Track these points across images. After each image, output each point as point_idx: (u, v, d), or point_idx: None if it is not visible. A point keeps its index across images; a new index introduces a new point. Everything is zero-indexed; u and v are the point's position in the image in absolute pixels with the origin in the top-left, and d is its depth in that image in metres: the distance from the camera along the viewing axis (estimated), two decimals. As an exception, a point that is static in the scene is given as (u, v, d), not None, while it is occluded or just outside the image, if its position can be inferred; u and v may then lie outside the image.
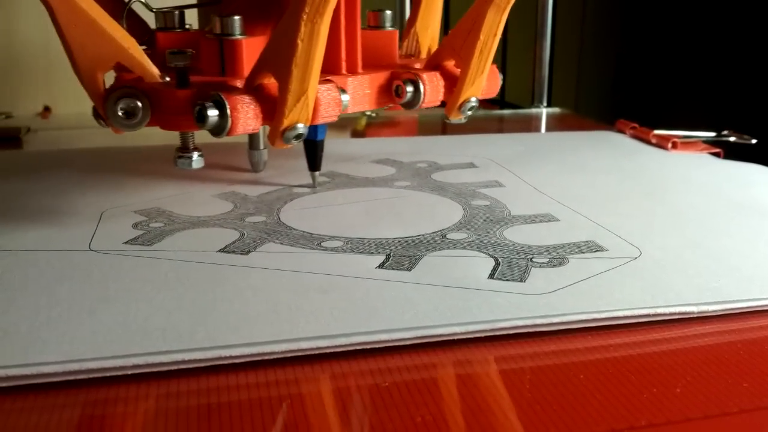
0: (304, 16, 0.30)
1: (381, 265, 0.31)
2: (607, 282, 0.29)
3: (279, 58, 0.31)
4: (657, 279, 0.29)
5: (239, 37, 0.35)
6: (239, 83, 0.34)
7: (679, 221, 0.37)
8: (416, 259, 0.31)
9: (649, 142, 0.55)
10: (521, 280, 0.29)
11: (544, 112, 0.76)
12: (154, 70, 0.33)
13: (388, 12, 0.43)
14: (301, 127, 0.33)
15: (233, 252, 0.32)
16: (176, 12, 0.38)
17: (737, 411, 0.21)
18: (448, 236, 0.34)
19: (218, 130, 0.32)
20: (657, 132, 0.55)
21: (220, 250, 0.32)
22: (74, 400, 0.22)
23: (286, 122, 0.32)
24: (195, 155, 0.35)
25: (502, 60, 1.05)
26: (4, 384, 0.22)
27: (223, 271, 0.30)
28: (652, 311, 0.27)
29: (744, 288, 0.29)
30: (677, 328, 0.27)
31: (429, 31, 0.46)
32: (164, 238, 0.34)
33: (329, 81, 0.35)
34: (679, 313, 0.27)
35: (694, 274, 0.30)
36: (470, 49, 0.38)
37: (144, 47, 0.39)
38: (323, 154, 0.42)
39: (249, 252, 0.32)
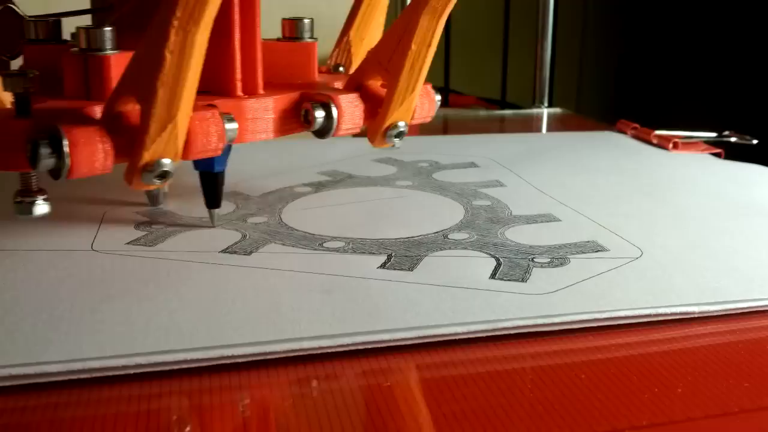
0: (175, 23, 0.24)
1: (383, 266, 0.31)
2: (609, 282, 0.29)
3: (143, 76, 0.25)
4: (658, 279, 0.29)
5: (109, 52, 0.29)
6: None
7: (681, 221, 0.37)
8: (418, 259, 0.31)
9: (650, 143, 0.55)
10: (523, 280, 0.29)
11: (545, 112, 0.76)
12: (3, 96, 0.27)
13: (307, 20, 0.37)
14: (168, 164, 0.26)
15: (235, 252, 0.32)
16: (50, 20, 0.32)
17: (738, 411, 0.22)
18: (449, 236, 0.34)
19: (55, 173, 0.25)
20: (658, 132, 0.55)
21: (222, 251, 0.32)
22: (77, 399, 0.22)
23: (147, 156, 0.26)
24: (40, 199, 0.28)
25: (503, 60, 1.05)
26: (7, 383, 0.22)
27: (225, 271, 0.30)
28: (653, 311, 0.27)
29: (745, 288, 0.29)
30: (678, 328, 0.27)
31: (364, 42, 0.41)
32: (166, 238, 0.34)
33: (212, 106, 0.29)
34: (681, 314, 0.27)
35: (695, 274, 0.30)
36: (399, 62, 0.32)
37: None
38: (224, 188, 0.36)
39: (251, 253, 0.32)
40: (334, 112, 0.33)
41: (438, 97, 0.37)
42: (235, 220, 0.37)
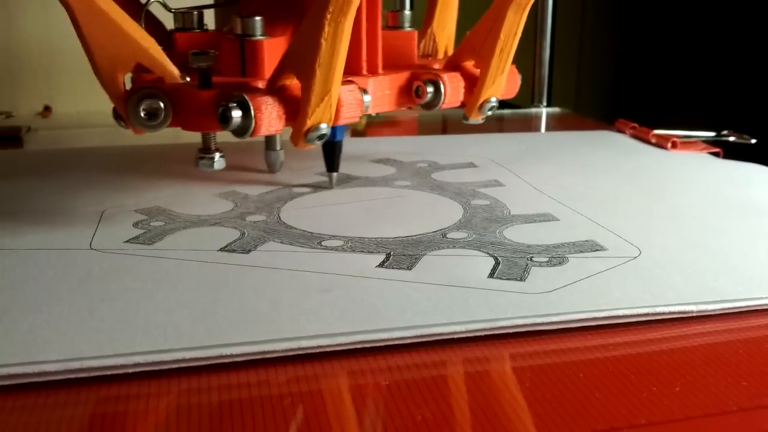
0: (328, 16, 0.30)
1: (381, 264, 0.31)
2: (607, 281, 0.29)
3: (302, 59, 0.31)
4: (656, 278, 0.29)
5: (260, 37, 0.35)
6: (261, 84, 0.34)
7: (679, 221, 0.37)
8: (416, 258, 0.31)
9: (648, 142, 0.55)
10: (521, 279, 0.29)
11: (544, 111, 0.76)
12: (175, 71, 0.33)
13: (407, 12, 0.43)
14: (324, 128, 0.33)
15: (234, 251, 0.32)
16: (195, 12, 0.39)
17: (736, 409, 0.22)
18: (448, 235, 0.34)
19: (241, 131, 0.32)
20: (657, 132, 0.55)
21: (220, 249, 0.32)
22: (75, 399, 0.22)
23: (309, 123, 0.32)
24: (217, 156, 0.35)
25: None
26: (5, 382, 0.22)
27: (224, 270, 0.30)
28: (651, 310, 0.27)
29: (743, 287, 0.29)
30: (677, 327, 0.27)
31: (446, 32, 0.47)
32: (165, 236, 0.34)
33: (351, 82, 0.35)
34: (679, 312, 0.27)
35: (693, 273, 0.30)
36: (490, 49, 0.39)
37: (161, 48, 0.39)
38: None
39: (249, 251, 0.32)
40: (442, 87, 0.39)
41: (520, 76, 0.44)
42: (234, 218, 0.37)
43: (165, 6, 0.39)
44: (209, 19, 0.41)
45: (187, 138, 0.57)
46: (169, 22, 0.41)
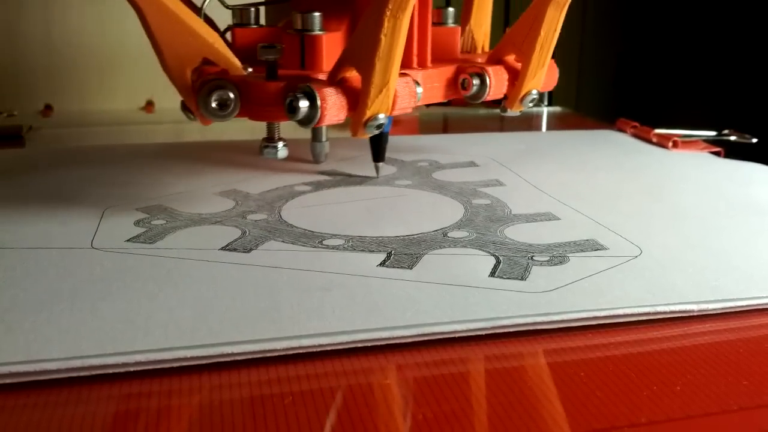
0: (388, 12, 0.31)
1: (382, 263, 0.31)
2: (608, 280, 0.29)
3: (362, 53, 0.33)
4: (657, 277, 0.29)
5: (319, 32, 0.37)
6: (320, 76, 0.35)
7: (680, 220, 0.37)
8: (417, 257, 0.31)
9: (649, 141, 0.55)
10: (522, 279, 0.29)
11: (545, 111, 0.76)
12: (238, 63, 0.34)
13: (451, 9, 0.45)
14: (382, 117, 0.34)
15: (235, 250, 0.32)
16: (252, 9, 0.41)
17: (737, 409, 0.22)
18: (449, 235, 0.34)
19: (307, 120, 0.33)
20: (658, 131, 0.55)
21: (221, 248, 0.32)
22: (76, 398, 0.22)
23: (368, 113, 0.34)
24: (280, 145, 0.37)
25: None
26: (6, 381, 0.22)
27: (225, 269, 0.30)
28: (652, 309, 0.27)
29: (744, 286, 0.29)
30: (677, 326, 0.27)
31: (482, 29, 0.49)
32: (166, 235, 0.34)
33: (405, 74, 0.36)
34: (680, 312, 0.27)
35: (694, 272, 0.30)
36: (531, 45, 0.41)
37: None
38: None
39: (250, 250, 0.32)
40: (487, 80, 0.40)
41: (557, 70, 0.46)
42: (235, 216, 0.37)
43: (223, 3, 0.41)
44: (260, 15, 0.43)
45: (189, 137, 0.57)
46: (218, 20, 0.42)
